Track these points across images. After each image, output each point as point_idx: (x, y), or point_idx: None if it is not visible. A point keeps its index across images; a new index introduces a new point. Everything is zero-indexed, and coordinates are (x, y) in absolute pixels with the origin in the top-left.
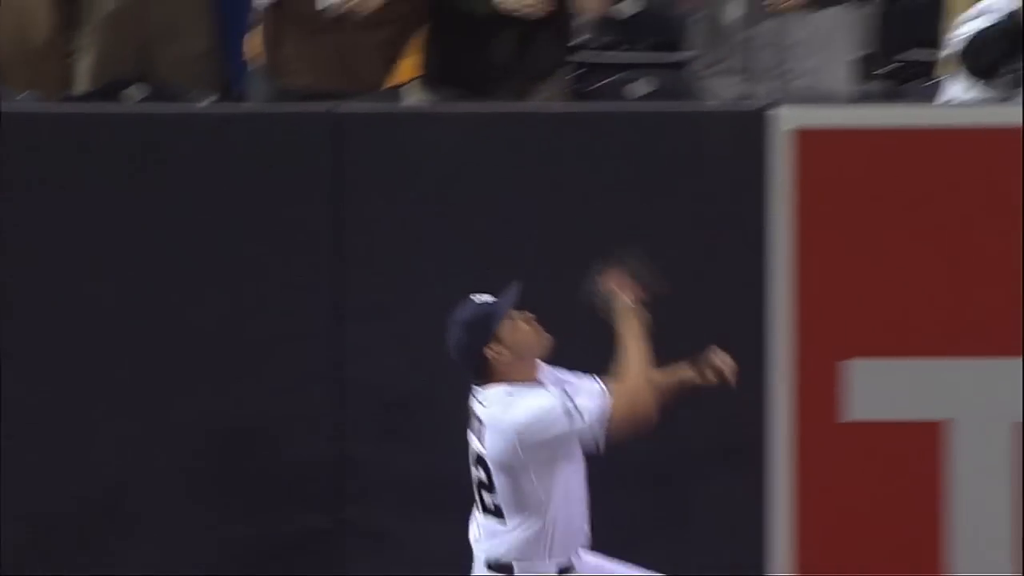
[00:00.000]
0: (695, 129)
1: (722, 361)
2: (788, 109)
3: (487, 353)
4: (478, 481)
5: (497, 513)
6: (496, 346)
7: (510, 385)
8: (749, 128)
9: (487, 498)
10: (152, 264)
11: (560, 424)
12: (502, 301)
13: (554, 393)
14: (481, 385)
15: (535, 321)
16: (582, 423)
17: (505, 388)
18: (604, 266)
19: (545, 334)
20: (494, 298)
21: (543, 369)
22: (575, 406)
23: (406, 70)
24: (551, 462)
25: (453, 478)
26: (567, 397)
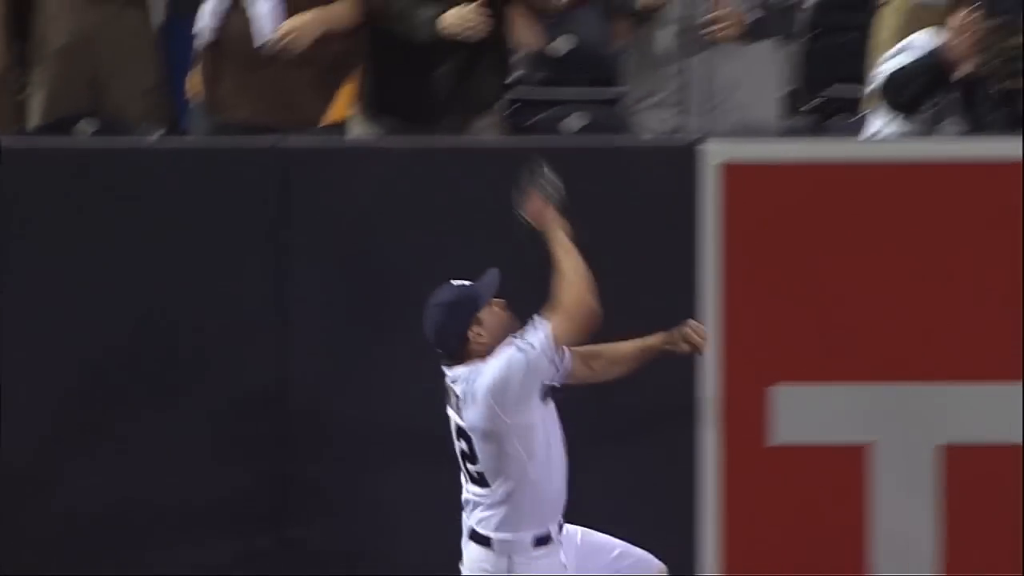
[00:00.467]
0: (627, 163)
1: (695, 331)
2: (717, 144)
3: (468, 334)
4: (461, 452)
5: (480, 481)
6: (476, 328)
7: (481, 362)
8: (679, 162)
9: (471, 468)
10: (102, 293)
11: (519, 364)
12: (484, 286)
13: (507, 346)
14: (453, 365)
15: (507, 307)
16: (534, 351)
17: (475, 364)
18: (521, 193)
19: (515, 319)
20: (471, 283)
21: None
22: (524, 342)
23: (342, 104)
24: (530, 428)
25: (397, 505)
26: (515, 341)
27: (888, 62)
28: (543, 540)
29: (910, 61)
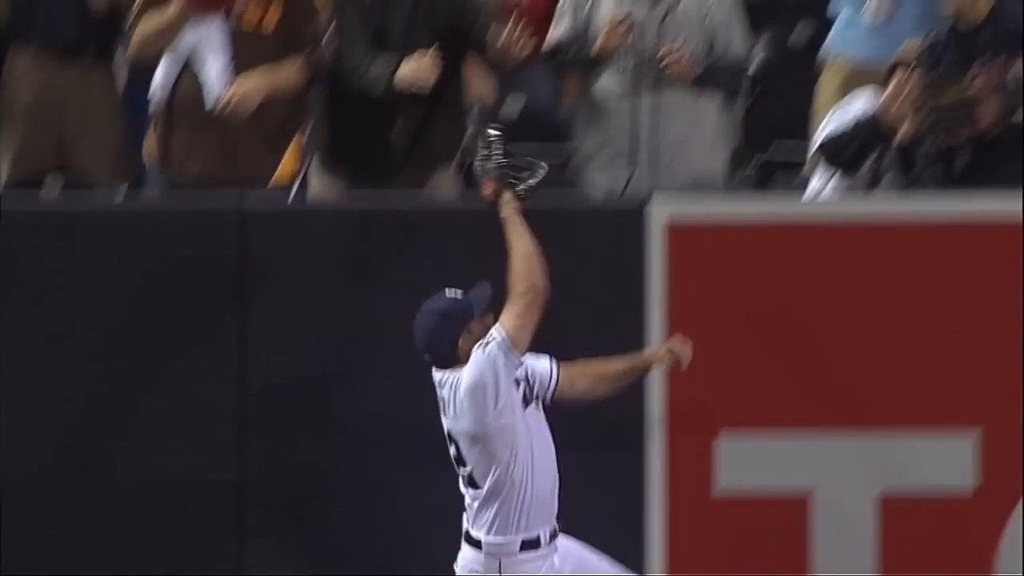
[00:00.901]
0: (576, 223)
1: (679, 346)
2: (664, 204)
3: (458, 342)
4: (453, 456)
5: (471, 483)
6: (466, 337)
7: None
8: (627, 223)
9: (463, 471)
10: (69, 347)
11: (489, 361)
12: (477, 297)
13: (476, 351)
14: (442, 369)
15: (495, 320)
16: (495, 351)
17: (459, 370)
18: (477, 175)
19: None
20: (465, 294)
21: None
22: (485, 346)
23: (291, 160)
24: (511, 430)
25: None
26: (480, 346)
27: (829, 121)
28: (532, 544)
29: (849, 121)
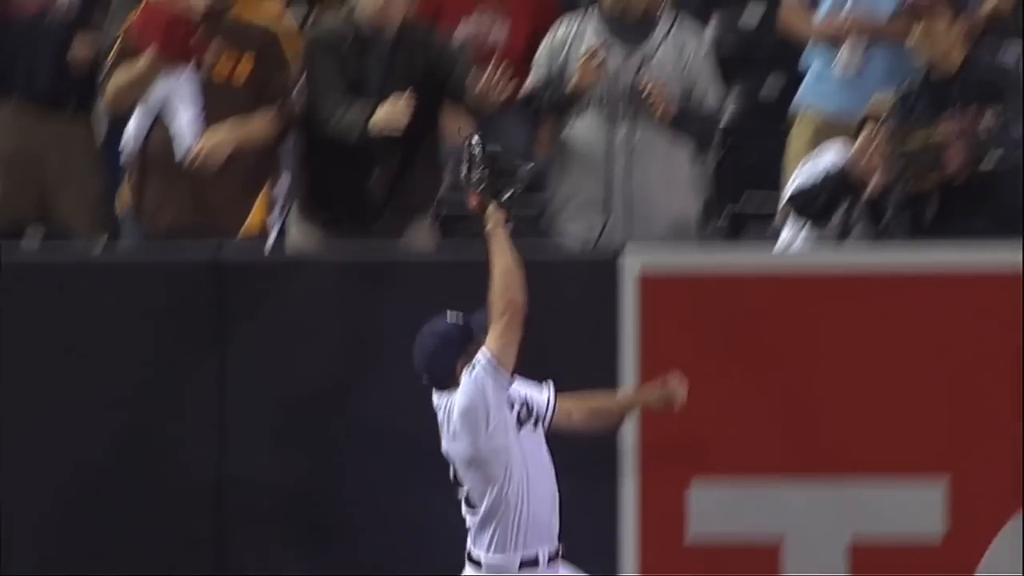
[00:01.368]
0: (550, 273)
1: (674, 386)
2: (636, 255)
3: (456, 365)
4: (452, 477)
5: (469, 503)
6: (464, 360)
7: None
8: (601, 273)
9: (460, 492)
10: (49, 398)
11: (477, 385)
12: (476, 322)
13: (464, 375)
14: (441, 392)
15: None
16: (482, 373)
17: (454, 393)
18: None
19: None
20: (465, 318)
21: None
22: (473, 366)
23: (261, 209)
24: (504, 451)
25: None
26: (469, 368)
27: (798, 174)
28: (531, 563)
29: (819, 174)
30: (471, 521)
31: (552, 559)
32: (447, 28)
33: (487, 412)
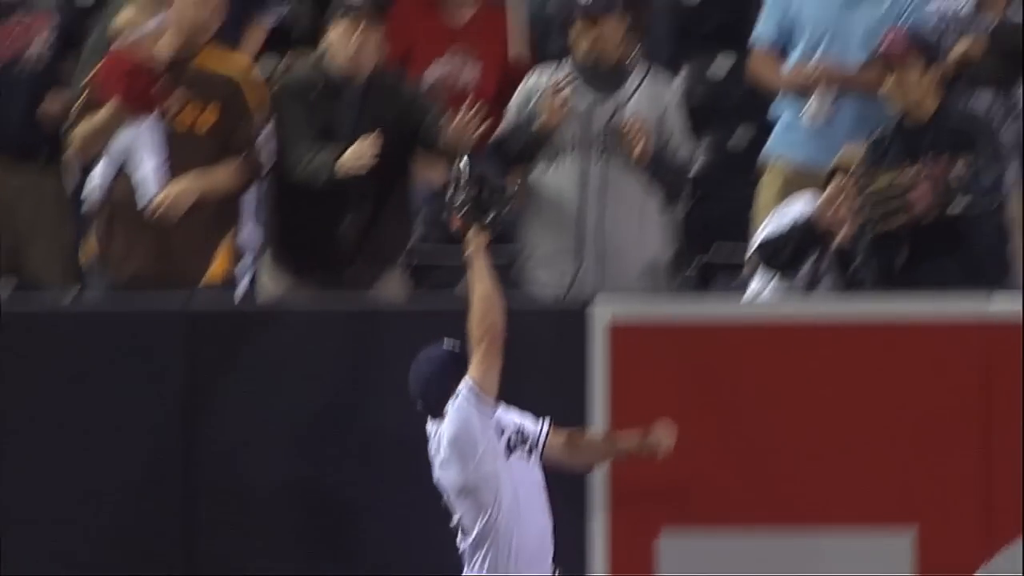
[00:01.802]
0: (520, 323)
1: (660, 437)
2: (606, 304)
3: (450, 393)
4: (444, 504)
5: (462, 530)
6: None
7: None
8: (571, 323)
9: (454, 519)
10: (21, 449)
11: (461, 414)
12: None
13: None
14: (435, 419)
15: None
16: (465, 403)
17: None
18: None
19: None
20: (460, 345)
21: None
22: (457, 395)
23: (224, 258)
24: (494, 479)
25: None
26: (453, 397)
27: (766, 225)
28: None
29: (787, 224)
30: (464, 547)
31: None
32: (418, 71)
33: (475, 440)
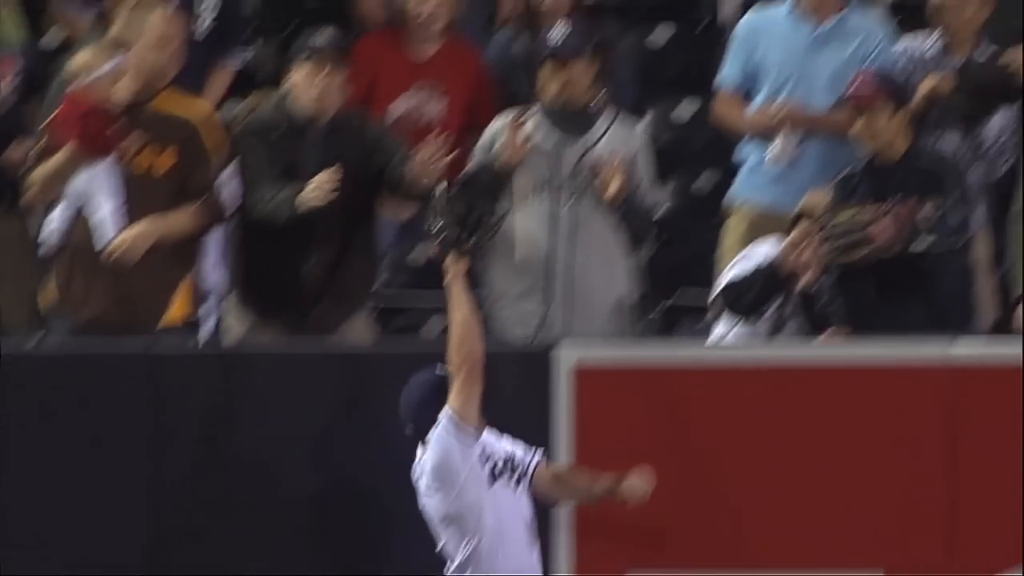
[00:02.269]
0: (487, 368)
1: (637, 484)
2: (571, 348)
3: (439, 418)
4: (432, 531)
5: (447, 556)
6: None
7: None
8: (535, 366)
9: (439, 545)
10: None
11: (440, 443)
12: None
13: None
14: (423, 443)
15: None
16: (447, 420)
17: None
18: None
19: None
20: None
21: None
22: (438, 424)
23: (183, 301)
24: (475, 507)
25: None
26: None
27: (730, 270)
28: None
29: (749, 269)
30: (448, 573)
31: None
32: (382, 105)
33: (455, 470)
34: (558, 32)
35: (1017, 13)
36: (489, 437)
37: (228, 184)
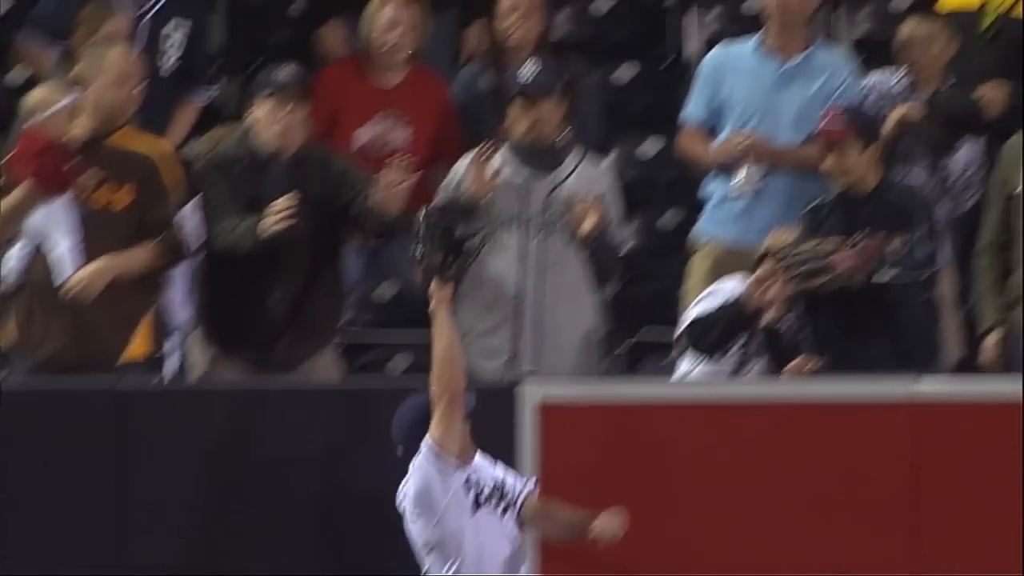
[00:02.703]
0: None
1: (608, 525)
2: (536, 384)
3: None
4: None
5: None
6: None
7: None
8: (501, 401)
9: (423, 570)
10: None
11: (420, 472)
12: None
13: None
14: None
15: (472, 429)
16: (427, 449)
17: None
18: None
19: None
20: None
21: None
22: (419, 452)
23: (143, 339)
24: (456, 534)
25: None
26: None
27: (694, 307)
28: None
29: (714, 306)
30: None
31: None
32: (347, 134)
33: (435, 499)
34: (528, 70)
35: (980, 51)
36: (481, 462)
37: (191, 219)
